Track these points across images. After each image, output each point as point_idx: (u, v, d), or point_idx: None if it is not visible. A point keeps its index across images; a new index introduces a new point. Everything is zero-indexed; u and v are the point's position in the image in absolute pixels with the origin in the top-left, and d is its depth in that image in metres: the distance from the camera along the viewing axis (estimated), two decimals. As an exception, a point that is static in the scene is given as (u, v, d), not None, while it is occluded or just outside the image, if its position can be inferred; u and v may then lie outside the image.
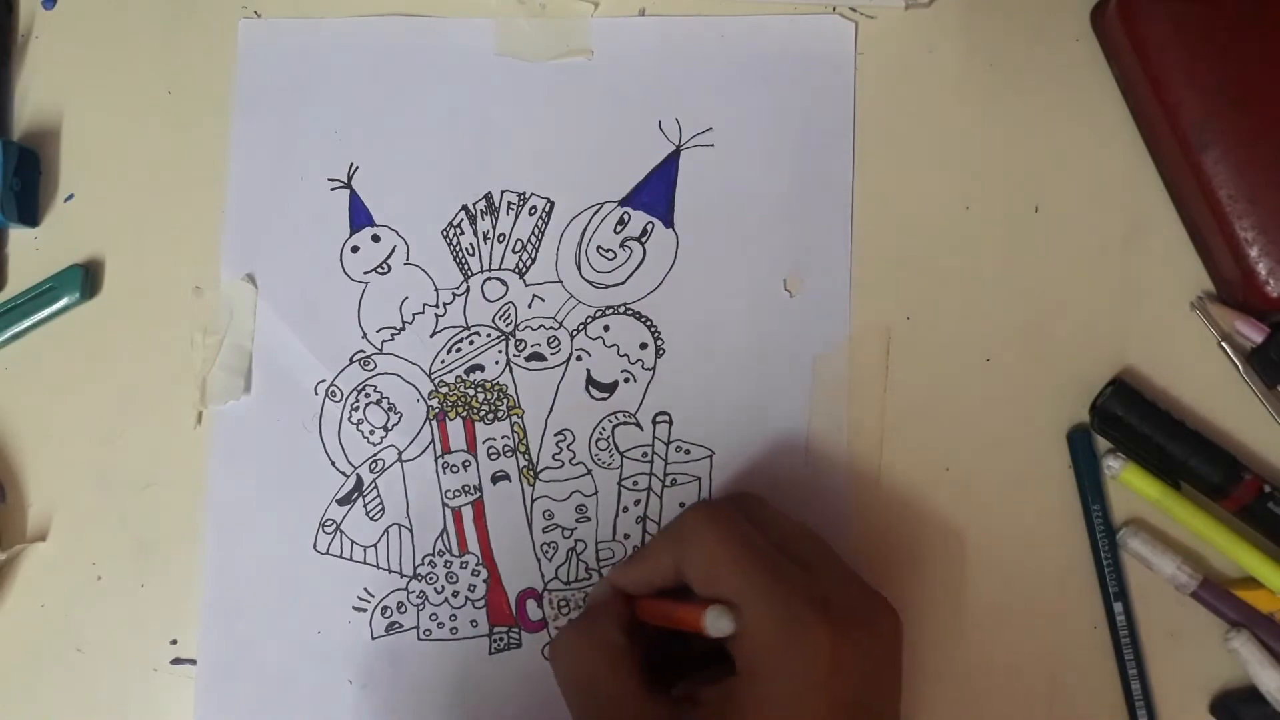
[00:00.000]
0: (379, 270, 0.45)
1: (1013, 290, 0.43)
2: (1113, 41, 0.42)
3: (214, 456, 0.44)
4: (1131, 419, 0.40)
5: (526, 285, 0.44)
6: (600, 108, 0.45)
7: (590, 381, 0.44)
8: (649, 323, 0.44)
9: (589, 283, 0.44)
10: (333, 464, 0.44)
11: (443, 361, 0.44)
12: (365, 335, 0.44)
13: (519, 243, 0.44)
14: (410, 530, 0.43)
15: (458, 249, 0.44)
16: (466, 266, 0.44)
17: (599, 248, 0.44)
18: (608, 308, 0.44)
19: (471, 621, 0.43)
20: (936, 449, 0.42)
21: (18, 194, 0.45)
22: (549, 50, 0.45)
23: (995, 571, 0.42)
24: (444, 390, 0.44)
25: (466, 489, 0.43)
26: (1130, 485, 0.41)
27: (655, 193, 0.44)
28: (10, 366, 0.45)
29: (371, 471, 0.44)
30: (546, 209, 0.44)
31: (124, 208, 0.46)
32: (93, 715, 0.43)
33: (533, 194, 0.44)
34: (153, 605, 0.44)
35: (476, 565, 0.43)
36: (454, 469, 0.44)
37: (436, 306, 0.44)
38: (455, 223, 0.45)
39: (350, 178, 0.45)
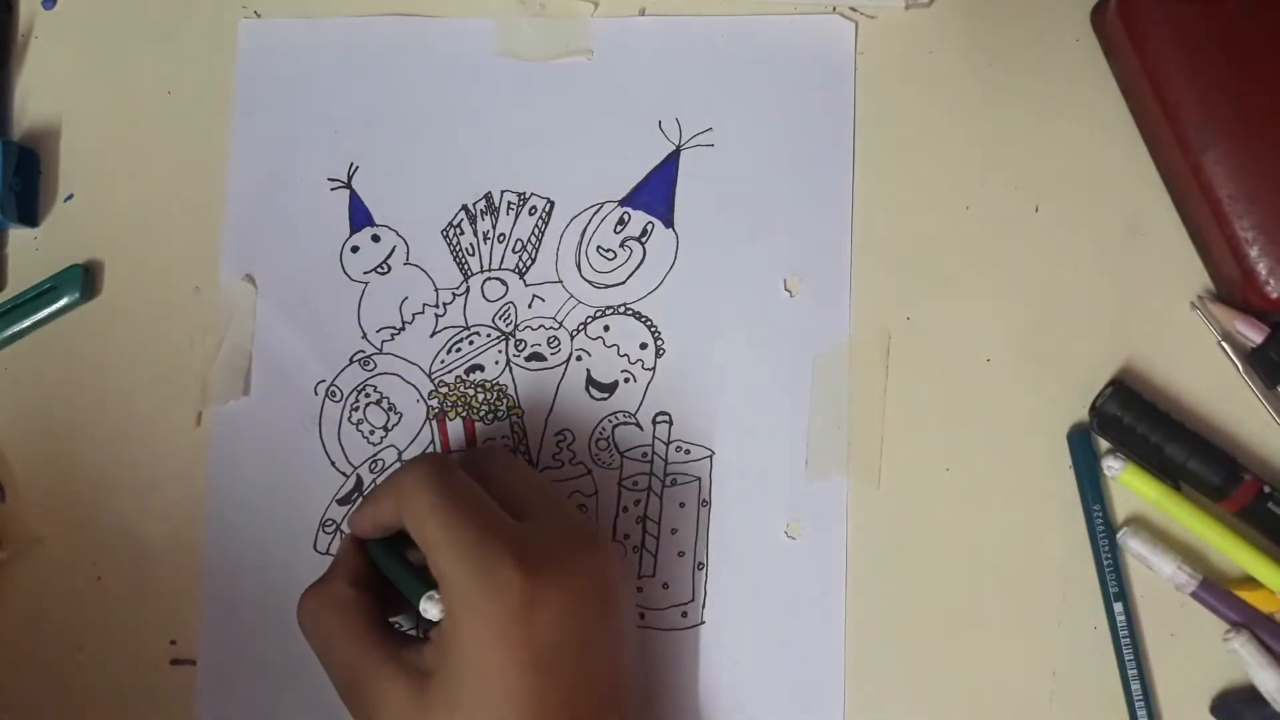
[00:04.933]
0: (379, 270, 0.45)
1: (1013, 290, 0.43)
2: (1113, 41, 0.42)
3: (214, 456, 0.44)
4: (1131, 420, 0.40)
5: (526, 285, 0.44)
6: (600, 108, 0.45)
7: (590, 381, 0.44)
8: (649, 323, 0.44)
9: (589, 283, 0.44)
10: (333, 464, 0.44)
11: (443, 361, 0.44)
12: (365, 335, 0.44)
13: (519, 243, 0.44)
14: (410, 530, 0.43)
15: (458, 249, 0.44)
16: (466, 266, 0.44)
17: (599, 248, 0.44)
18: (608, 308, 0.44)
19: (471, 621, 0.43)
20: (936, 449, 0.42)
21: (18, 194, 0.45)
22: (549, 50, 0.45)
23: (995, 571, 0.42)
24: (444, 390, 0.44)
25: (466, 489, 0.43)
26: (1130, 485, 0.41)
27: (655, 193, 0.44)
28: (10, 366, 0.45)
29: (371, 472, 0.44)
30: (546, 209, 0.44)
31: (124, 208, 0.46)
32: (93, 715, 0.43)
33: (533, 194, 0.44)
34: (153, 605, 0.44)
35: (476, 565, 0.43)
36: (454, 469, 0.44)
37: (436, 306, 0.44)
38: (455, 223, 0.45)
39: (350, 178, 0.45)
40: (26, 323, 0.45)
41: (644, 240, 0.44)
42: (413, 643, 0.37)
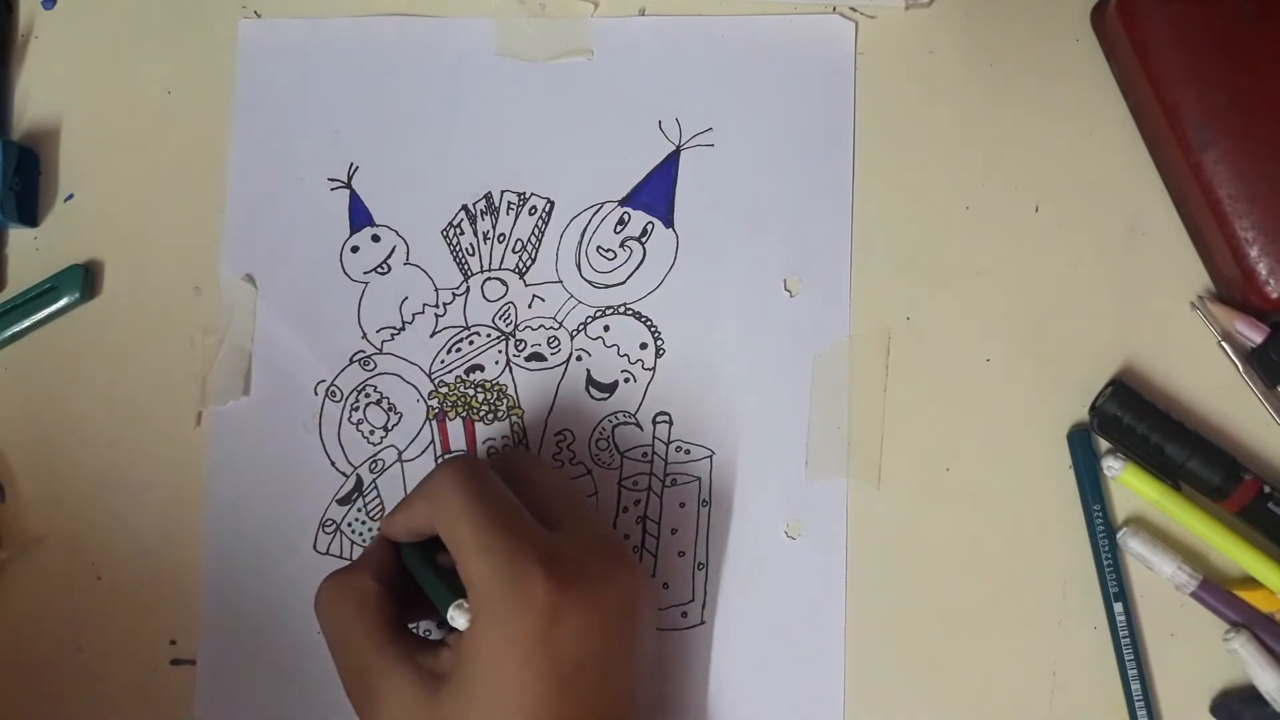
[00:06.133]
0: (379, 270, 0.45)
1: (1013, 290, 0.43)
2: (1113, 41, 0.42)
3: (214, 456, 0.44)
4: (1131, 420, 0.40)
5: (526, 285, 0.44)
6: (600, 108, 0.45)
7: (590, 381, 0.44)
8: (649, 323, 0.44)
9: (589, 283, 0.44)
10: (333, 464, 0.44)
11: (443, 361, 0.44)
12: (365, 335, 0.44)
13: (519, 243, 0.44)
14: (410, 530, 0.43)
15: (458, 249, 0.44)
16: (466, 266, 0.44)
17: (599, 248, 0.44)
18: (608, 308, 0.44)
19: (471, 621, 0.43)
20: (936, 449, 0.42)
21: (18, 194, 0.45)
22: (549, 50, 0.45)
23: (995, 571, 0.42)
24: (444, 390, 0.44)
25: (466, 489, 0.43)
26: (1130, 485, 0.41)
27: (655, 193, 0.44)
28: (10, 366, 0.45)
29: (371, 472, 0.44)
30: (546, 209, 0.44)
31: (124, 208, 0.46)
32: (93, 715, 0.43)
33: (533, 194, 0.44)
34: (153, 605, 0.44)
35: (476, 565, 0.43)
36: (454, 469, 0.43)
37: (436, 306, 0.44)
38: (455, 223, 0.45)
39: (350, 178, 0.45)
40: (26, 323, 0.45)
41: (644, 240, 0.44)
42: (429, 645, 0.37)
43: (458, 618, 0.35)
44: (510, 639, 0.33)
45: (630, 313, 0.44)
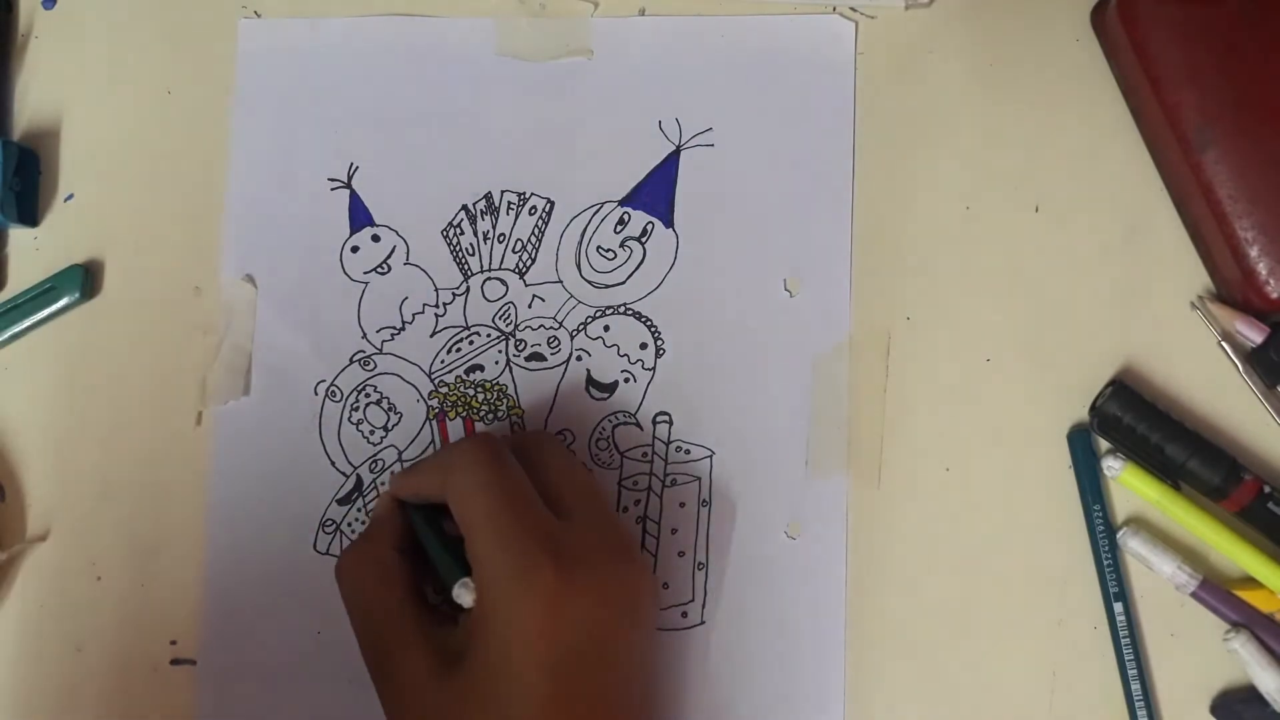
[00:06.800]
0: (379, 270, 0.45)
1: (1013, 290, 0.43)
2: (1113, 41, 0.42)
3: (214, 456, 0.44)
4: (1131, 420, 0.40)
5: (526, 285, 0.44)
6: (600, 108, 0.45)
7: (590, 381, 0.44)
8: (649, 323, 0.44)
9: (589, 283, 0.44)
10: (333, 464, 0.44)
11: (443, 361, 0.44)
12: (365, 335, 0.44)
13: (519, 243, 0.44)
14: (410, 530, 0.43)
15: (458, 249, 0.44)
16: (466, 266, 0.44)
17: (599, 248, 0.44)
18: (608, 308, 0.44)
19: (471, 621, 0.43)
20: (936, 449, 0.42)
21: (18, 194, 0.45)
22: (549, 50, 0.45)
23: (995, 571, 0.42)
24: (444, 390, 0.44)
25: (466, 489, 0.43)
26: (1130, 485, 0.41)
27: (655, 193, 0.44)
28: (10, 366, 0.45)
29: (371, 472, 0.44)
30: (546, 209, 0.44)
31: (124, 208, 0.46)
32: (93, 715, 0.43)
33: (533, 194, 0.44)
34: (153, 605, 0.44)
35: (476, 565, 0.43)
36: (454, 469, 0.43)
37: (436, 306, 0.44)
38: (455, 223, 0.45)
39: (350, 178, 0.45)
40: (26, 323, 0.45)
41: (644, 240, 0.44)
42: (445, 621, 0.37)
43: (463, 595, 0.35)
44: (517, 627, 0.34)
45: (630, 313, 0.44)
